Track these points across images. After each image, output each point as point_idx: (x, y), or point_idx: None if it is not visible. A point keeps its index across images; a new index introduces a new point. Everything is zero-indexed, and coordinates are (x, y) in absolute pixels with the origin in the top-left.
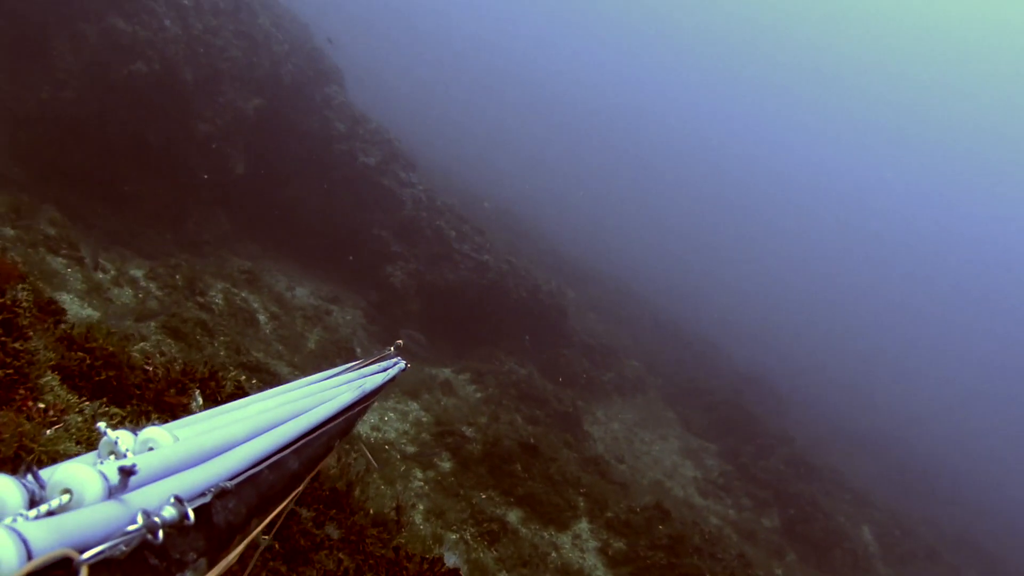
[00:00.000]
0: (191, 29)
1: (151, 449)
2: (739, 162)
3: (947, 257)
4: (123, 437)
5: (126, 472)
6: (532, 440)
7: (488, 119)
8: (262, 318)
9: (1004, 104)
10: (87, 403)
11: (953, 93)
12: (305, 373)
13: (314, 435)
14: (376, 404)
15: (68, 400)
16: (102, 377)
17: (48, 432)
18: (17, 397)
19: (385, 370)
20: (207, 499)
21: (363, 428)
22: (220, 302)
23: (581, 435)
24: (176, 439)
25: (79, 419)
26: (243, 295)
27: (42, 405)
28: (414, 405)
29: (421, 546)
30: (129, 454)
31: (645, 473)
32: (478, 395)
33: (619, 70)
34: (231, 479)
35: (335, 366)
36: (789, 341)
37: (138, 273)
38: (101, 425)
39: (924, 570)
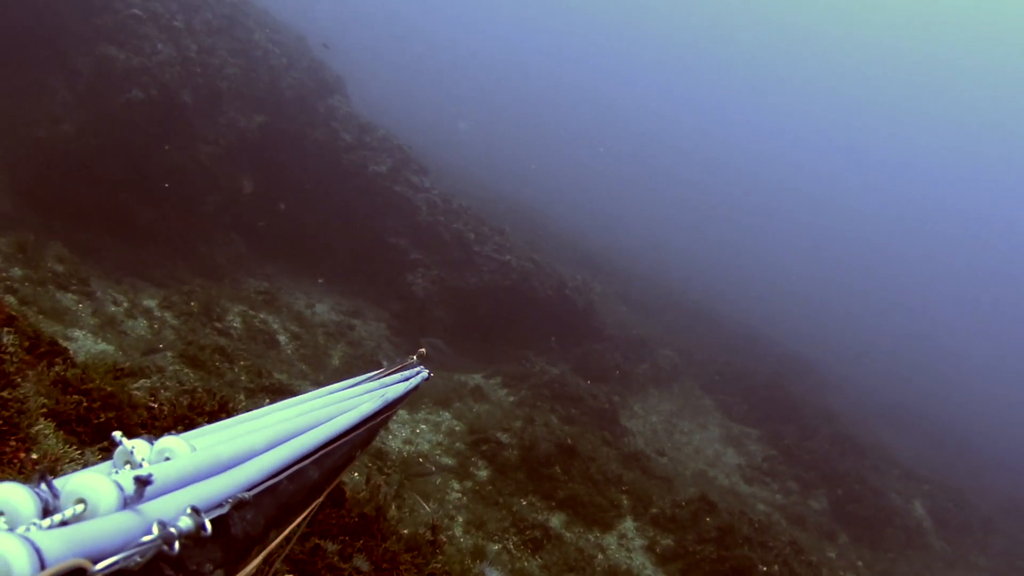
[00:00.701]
0: (186, 51)
1: (167, 459)
2: (771, 145)
3: (986, 233)
4: (139, 447)
5: (142, 482)
6: (569, 441)
7: (500, 116)
8: (283, 339)
9: None
10: (82, 450)
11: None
12: None
13: (335, 445)
14: (407, 416)
15: (62, 450)
16: (101, 420)
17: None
18: (8, 449)
19: (408, 379)
20: (224, 510)
21: (395, 442)
22: (238, 326)
23: (619, 431)
24: (193, 449)
25: (74, 469)
26: (261, 316)
27: (35, 456)
28: (446, 414)
29: (460, 566)
30: (145, 464)
31: (687, 464)
32: (511, 399)
33: (637, 60)
34: (249, 490)
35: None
36: (822, 320)
37: (152, 303)
38: (116, 435)
39: (981, 541)
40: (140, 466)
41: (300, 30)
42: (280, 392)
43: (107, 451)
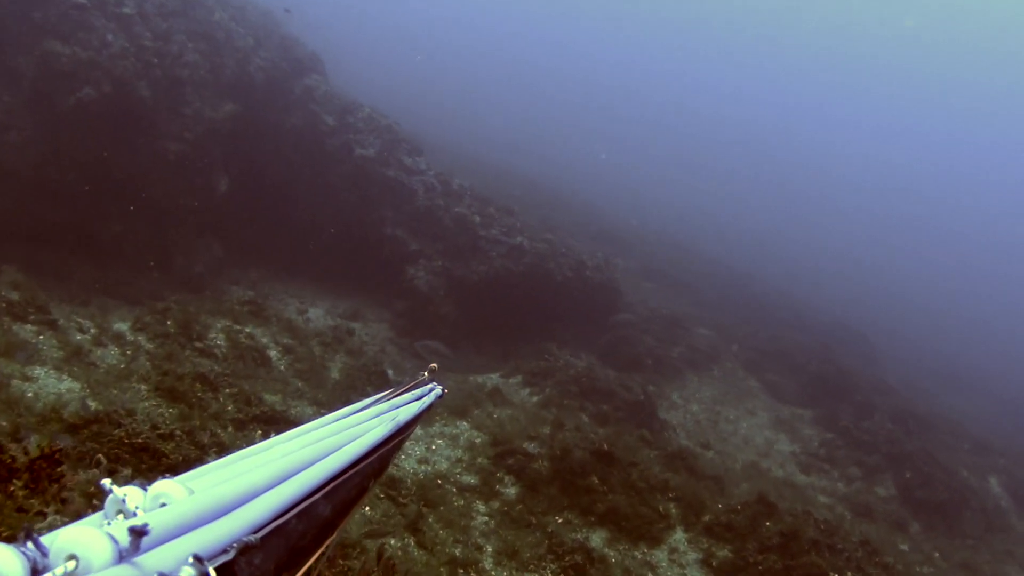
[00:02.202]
0: (139, 39)
1: (164, 505)
2: (811, 112)
3: None
4: (131, 494)
5: (137, 532)
6: (606, 446)
7: (496, 87)
8: (274, 354)
9: None
10: None
11: None
12: (332, 409)
13: (345, 476)
14: (420, 431)
15: None
16: None
17: None
18: None
19: (420, 398)
20: (230, 556)
21: (409, 463)
22: (223, 343)
23: (658, 426)
24: (191, 492)
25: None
26: (248, 331)
27: None
28: (464, 425)
29: None
30: (139, 512)
31: (736, 456)
32: (534, 399)
33: (655, 32)
34: (255, 532)
35: (366, 395)
36: (865, 281)
37: (123, 326)
38: (106, 482)
39: None
40: (134, 515)
41: (265, 3)
42: (273, 420)
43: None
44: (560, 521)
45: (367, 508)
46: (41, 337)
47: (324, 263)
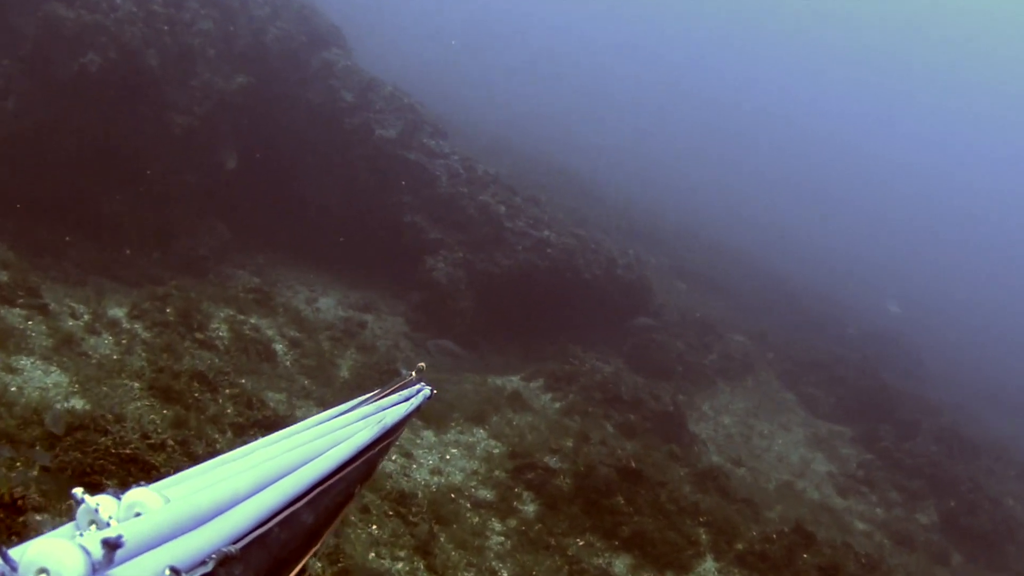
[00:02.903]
0: (149, 4)
1: (139, 515)
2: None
3: None
4: (104, 503)
5: (111, 545)
6: (633, 464)
7: (522, 69)
8: (279, 347)
9: None
10: None
11: None
12: None
13: (330, 482)
14: (434, 439)
15: None
16: None
17: None
18: None
19: (407, 399)
20: (208, 568)
21: (421, 473)
22: (225, 335)
23: (687, 439)
24: (167, 500)
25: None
26: (253, 321)
27: None
28: (480, 432)
29: None
30: (113, 523)
31: (769, 475)
32: (556, 405)
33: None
34: (235, 542)
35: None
36: (909, 291)
37: (119, 312)
38: (78, 491)
39: None
40: (107, 526)
41: None
42: (276, 426)
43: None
44: (581, 544)
45: (374, 527)
46: (30, 323)
47: (337, 250)
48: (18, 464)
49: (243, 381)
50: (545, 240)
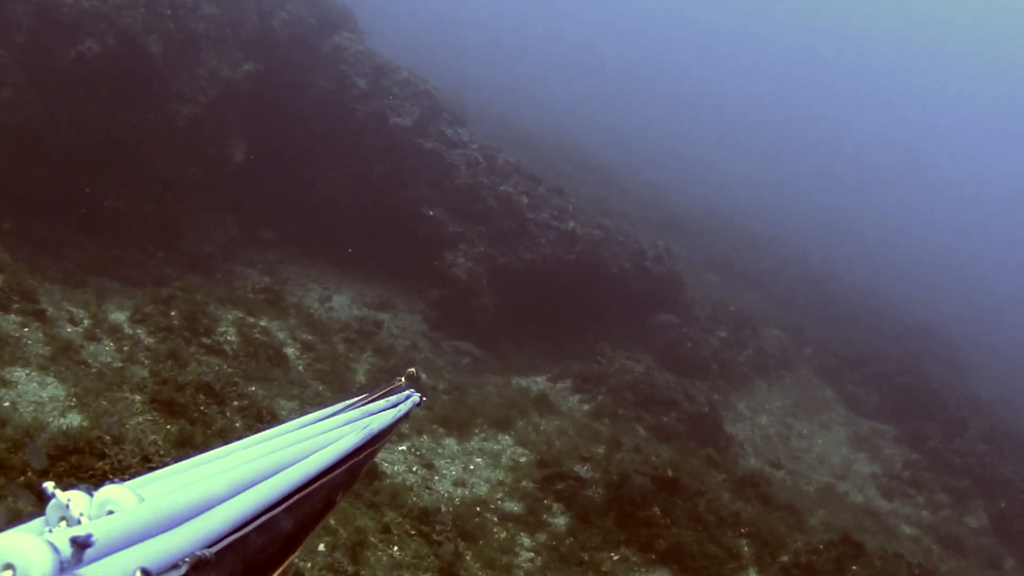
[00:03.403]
0: None
1: (111, 513)
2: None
3: None
4: (76, 499)
5: (80, 543)
6: (669, 472)
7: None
8: (291, 351)
9: None
10: None
11: None
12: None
13: (311, 489)
14: (457, 448)
15: None
16: None
17: None
18: None
19: (395, 405)
20: (182, 571)
21: (443, 485)
22: (233, 339)
23: (724, 442)
24: (141, 499)
25: None
26: (263, 324)
27: None
28: (506, 439)
29: None
30: (84, 520)
31: (810, 478)
32: (585, 408)
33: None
34: (210, 546)
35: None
36: (950, 283)
37: (121, 316)
38: (48, 486)
39: None
40: (78, 523)
41: None
42: None
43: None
44: (616, 559)
45: (396, 548)
46: (26, 330)
47: (351, 244)
48: (8, 497)
49: (253, 389)
50: (570, 232)
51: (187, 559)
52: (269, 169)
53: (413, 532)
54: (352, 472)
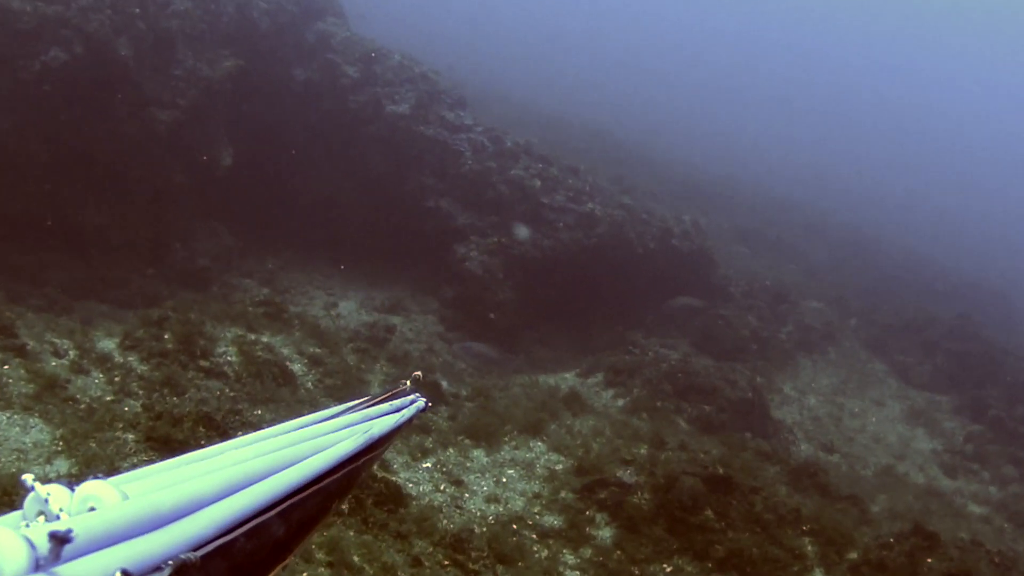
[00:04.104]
0: None
1: (93, 509)
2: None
3: None
4: (56, 493)
5: (59, 539)
6: (720, 469)
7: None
8: (298, 367)
9: None
10: None
11: None
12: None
13: (306, 494)
14: (487, 460)
15: None
16: None
17: None
18: None
19: (399, 410)
20: (164, 574)
21: (475, 502)
22: (234, 359)
23: (772, 429)
24: (125, 497)
25: None
26: (265, 340)
27: None
28: (539, 446)
29: None
30: (63, 515)
31: (867, 460)
32: (620, 403)
33: None
34: (195, 549)
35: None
36: (993, 237)
37: (110, 344)
38: (27, 479)
39: None
40: (57, 518)
41: None
42: None
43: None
44: (669, 570)
45: None
46: (6, 367)
47: (355, 245)
48: None
49: (259, 413)
50: (589, 214)
51: (170, 561)
52: (261, 171)
53: (447, 562)
54: (350, 478)
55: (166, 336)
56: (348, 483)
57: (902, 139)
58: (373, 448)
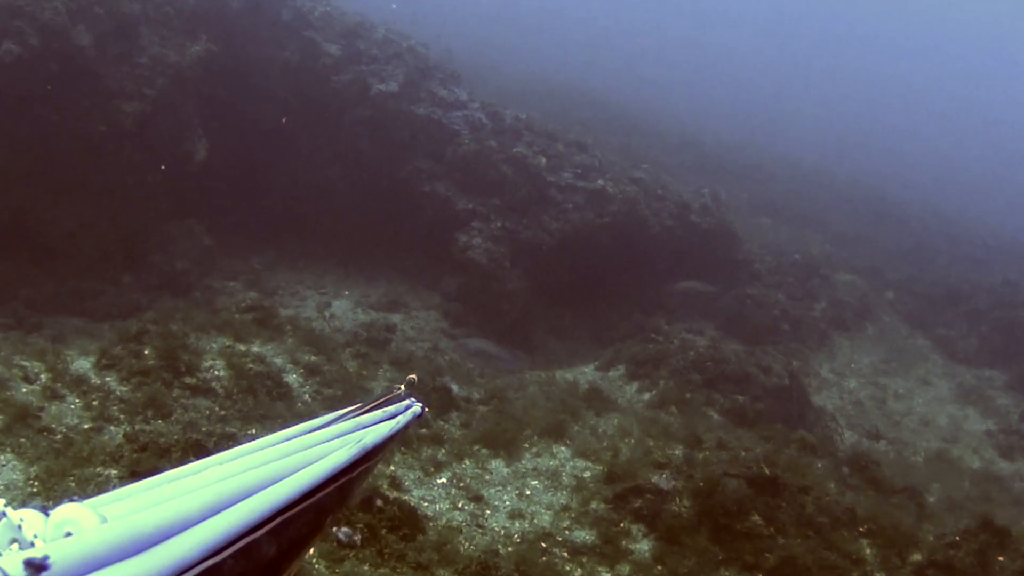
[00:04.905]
0: None
1: (69, 534)
2: None
3: None
4: (29, 519)
5: (35, 567)
6: (766, 469)
7: None
8: (293, 378)
9: None
10: None
11: None
12: None
13: (297, 510)
14: (507, 471)
15: None
16: None
17: None
18: None
19: (393, 416)
20: None
21: (497, 520)
22: (222, 373)
23: (813, 417)
24: (103, 520)
25: None
26: (255, 350)
27: None
28: (562, 451)
29: None
30: (38, 542)
31: (916, 446)
32: (645, 397)
33: None
34: (181, 574)
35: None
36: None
37: (86, 364)
38: None
39: None
40: (31, 545)
41: None
42: None
43: None
44: None
45: None
46: None
47: (346, 238)
48: None
49: (253, 431)
50: (600, 191)
51: None
52: (239, 164)
53: None
54: (343, 491)
55: (146, 351)
56: (342, 497)
57: (933, 104)
58: (367, 458)
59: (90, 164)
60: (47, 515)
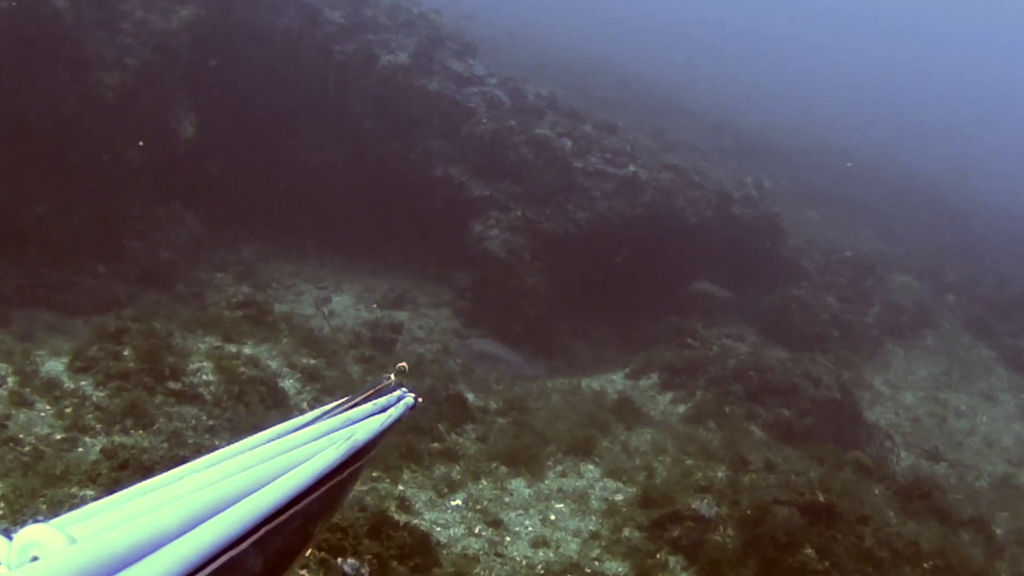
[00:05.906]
0: None
1: (36, 559)
2: None
3: None
4: None
5: None
6: (821, 496)
7: None
8: (290, 384)
9: None
10: None
11: None
12: None
13: (284, 517)
14: (530, 493)
15: None
16: None
17: None
18: None
19: (384, 409)
20: None
21: (519, 548)
22: (211, 377)
23: (866, 435)
24: (72, 541)
25: None
26: (247, 351)
27: None
28: (590, 470)
29: None
30: (2, 569)
31: (980, 469)
32: (680, 409)
33: None
34: None
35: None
36: None
37: (58, 365)
38: None
39: None
40: None
41: None
42: None
43: None
44: None
45: None
46: None
47: (348, 226)
48: None
49: None
50: (631, 179)
51: None
52: (231, 142)
53: None
54: (333, 495)
55: (126, 352)
56: (332, 501)
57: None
58: (358, 457)
59: (66, 141)
60: (10, 539)
